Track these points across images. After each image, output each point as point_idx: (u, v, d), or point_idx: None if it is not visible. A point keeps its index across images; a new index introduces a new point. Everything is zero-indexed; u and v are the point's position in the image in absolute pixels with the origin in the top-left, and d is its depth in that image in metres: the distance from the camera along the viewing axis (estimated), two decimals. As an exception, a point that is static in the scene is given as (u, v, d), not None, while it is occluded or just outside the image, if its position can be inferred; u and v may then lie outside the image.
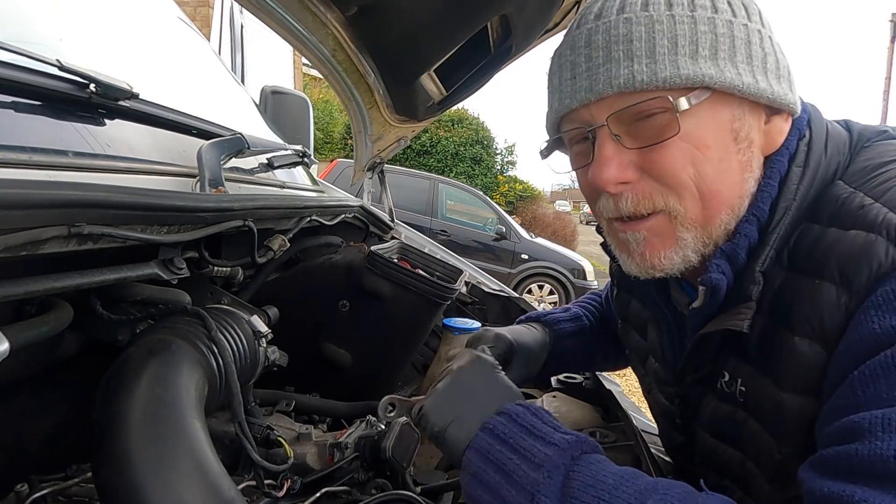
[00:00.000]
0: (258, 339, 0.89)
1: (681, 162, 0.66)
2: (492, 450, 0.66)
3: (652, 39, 0.65)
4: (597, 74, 0.67)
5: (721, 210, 0.68)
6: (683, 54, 0.64)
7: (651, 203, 0.68)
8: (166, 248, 0.78)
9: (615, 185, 0.68)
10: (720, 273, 0.68)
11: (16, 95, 0.72)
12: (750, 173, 0.69)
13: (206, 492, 0.55)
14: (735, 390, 0.72)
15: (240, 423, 0.79)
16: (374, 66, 1.51)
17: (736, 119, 0.67)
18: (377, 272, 1.31)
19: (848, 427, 0.54)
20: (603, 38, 0.67)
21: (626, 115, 0.67)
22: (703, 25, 0.65)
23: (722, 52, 0.65)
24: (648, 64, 0.64)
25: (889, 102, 15.64)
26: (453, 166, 13.98)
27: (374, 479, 0.96)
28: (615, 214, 0.72)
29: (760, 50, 0.67)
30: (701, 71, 0.64)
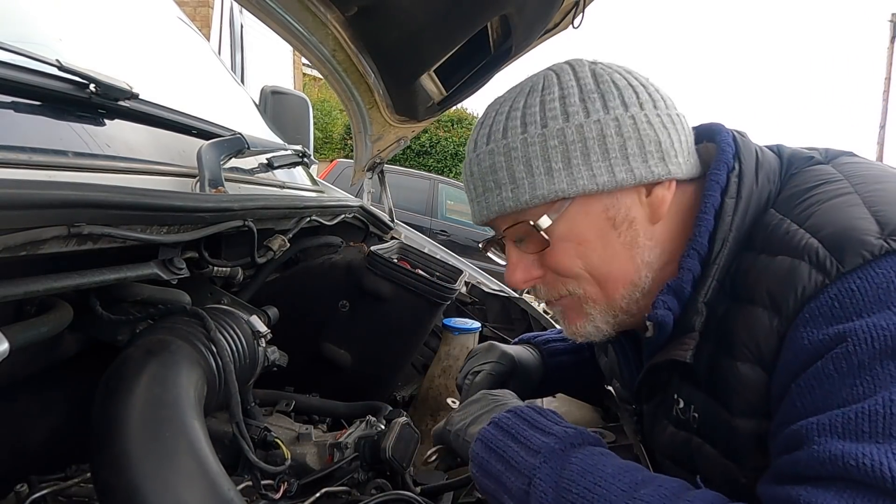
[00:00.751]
0: (257, 339, 0.89)
1: (568, 259, 0.74)
2: (495, 440, 0.72)
3: (511, 167, 0.72)
4: (481, 201, 0.76)
5: (618, 288, 0.75)
6: (538, 174, 0.71)
7: (557, 291, 0.78)
8: (166, 248, 0.78)
9: (524, 283, 0.79)
10: (666, 309, 0.72)
11: (16, 95, 0.72)
12: (637, 248, 0.74)
13: (205, 492, 0.55)
14: (689, 417, 0.75)
15: (237, 423, 0.79)
16: (374, 67, 1.51)
17: (609, 208, 0.73)
18: (377, 272, 1.31)
19: (789, 437, 0.57)
20: (478, 170, 0.76)
21: (515, 228, 0.75)
22: (553, 140, 0.71)
23: (574, 159, 0.70)
24: (513, 189, 0.72)
25: (889, 102, 15.63)
26: (453, 166, 13.97)
27: (373, 479, 0.96)
28: (542, 298, 0.82)
29: (618, 138, 0.70)
30: (555, 187, 0.71)
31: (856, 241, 0.58)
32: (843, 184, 0.68)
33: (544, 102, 0.73)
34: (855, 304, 0.56)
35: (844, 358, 0.55)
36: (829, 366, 0.56)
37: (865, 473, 0.49)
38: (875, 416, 0.51)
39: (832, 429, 0.53)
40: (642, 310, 0.77)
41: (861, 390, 0.53)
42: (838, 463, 0.51)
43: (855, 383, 0.54)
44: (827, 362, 0.56)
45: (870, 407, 0.52)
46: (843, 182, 0.68)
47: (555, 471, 0.65)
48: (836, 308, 0.57)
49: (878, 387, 0.52)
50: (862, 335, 0.54)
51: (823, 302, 0.58)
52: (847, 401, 0.53)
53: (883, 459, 0.49)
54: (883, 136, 15.64)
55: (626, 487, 0.61)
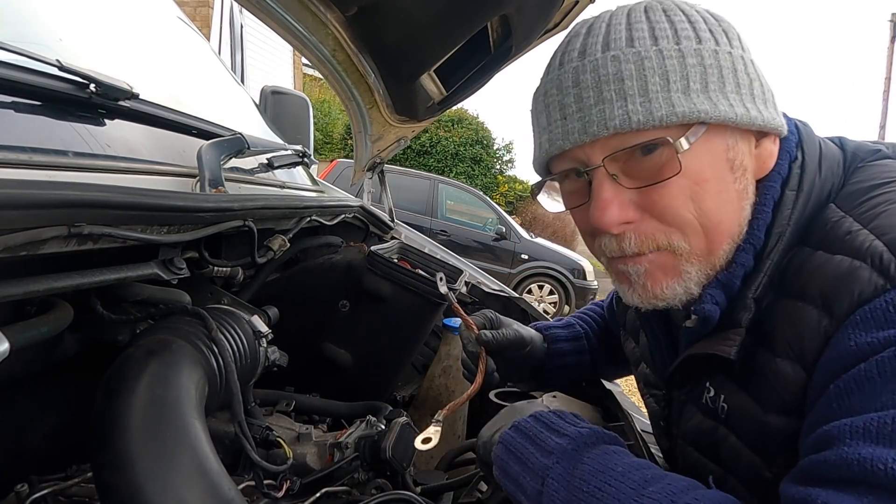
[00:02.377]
0: (258, 339, 0.89)
1: (681, 199, 0.65)
2: (514, 443, 0.73)
3: (643, 77, 0.63)
4: (589, 115, 0.65)
5: (724, 241, 0.68)
6: (676, 90, 0.63)
7: (654, 242, 0.68)
8: (166, 248, 0.78)
9: (618, 225, 0.67)
10: (713, 304, 0.68)
11: (16, 95, 0.72)
12: (746, 200, 0.69)
13: (206, 492, 0.55)
14: (718, 406, 0.72)
15: (239, 423, 0.79)
16: (374, 66, 1.51)
17: (730, 148, 0.67)
18: (377, 272, 1.31)
19: (821, 437, 0.55)
20: (592, 78, 0.65)
21: (623, 154, 0.66)
22: (691, 58, 0.64)
23: (712, 83, 0.64)
24: (643, 103, 0.63)
25: (889, 102, 15.63)
26: (453, 166, 13.98)
27: (374, 479, 0.96)
28: (618, 254, 0.70)
29: (746, 77, 0.66)
30: (696, 107, 0.63)
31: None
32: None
33: (672, 21, 0.65)
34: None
35: (889, 363, 0.52)
36: (873, 369, 0.53)
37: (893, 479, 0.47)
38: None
39: (865, 432, 0.51)
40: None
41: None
42: (866, 466, 0.49)
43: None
44: (871, 366, 0.54)
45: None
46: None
47: (567, 471, 0.66)
48: (890, 313, 0.54)
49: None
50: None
51: (878, 306, 0.55)
52: (885, 405, 0.51)
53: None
54: (883, 136, 15.65)
55: (635, 485, 0.61)
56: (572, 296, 7.68)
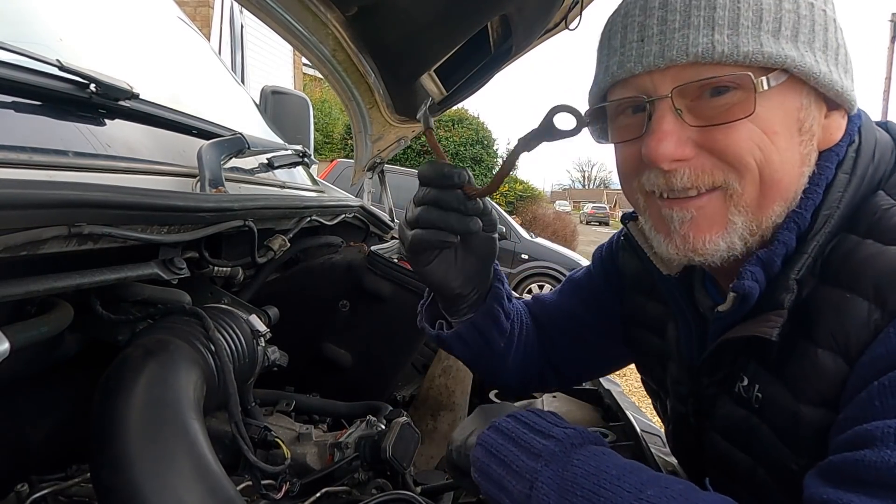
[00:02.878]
0: (256, 338, 0.89)
1: (748, 145, 0.62)
2: (496, 444, 0.69)
3: (737, 9, 0.60)
4: (671, 39, 0.61)
5: (777, 200, 0.65)
6: (767, 31, 0.60)
7: (710, 178, 0.64)
8: (166, 248, 0.78)
9: (670, 161, 0.64)
10: (753, 280, 0.65)
11: (16, 95, 0.72)
12: (808, 167, 0.66)
13: (205, 492, 0.55)
14: (752, 395, 0.70)
15: (236, 423, 0.79)
16: (374, 66, 1.51)
17: (803, 108, 0.64)
18: (377, 272, 1.31)
19: (860, 435, 0.53)
20: (682, 1, 0.62)
21: (694, 88, 0.62)
22: (788, 3, 0.61)
23: (802, 35, 0.62)
24: (731, 35, 0.60)
25: (889, 102, 15.63)
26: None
27: (374, 479, 0.96)
28: (664, 189, 0.67)
29: (835, 40, 0.64)
30: (783, 51, 0.60)
31: None
32: None
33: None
34: None
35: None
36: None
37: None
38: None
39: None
40: (764, 243, 0.67)
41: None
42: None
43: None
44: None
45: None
46: None
47: (557, 474, 0.63)
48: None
49: None
50: None
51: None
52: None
53: None
54: (883, 136, 15.63)
55: (632, 488, 0.59)
56: (572, 296, 7.67)
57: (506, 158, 0.77)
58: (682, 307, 0.82)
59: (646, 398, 1.02)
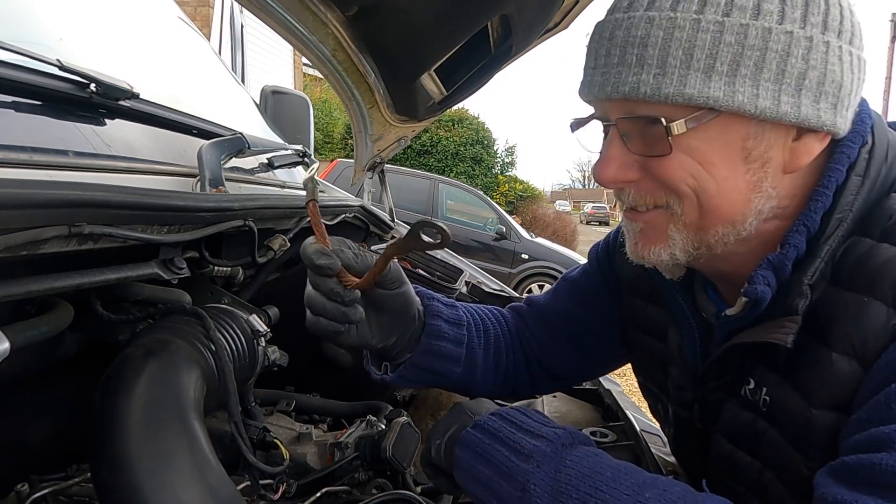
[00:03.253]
0: (257, 338, 0.89)
1: (680, 174, 0.64)
2: (482, 444, 0.67)
3: (666, 48, 0.60)
4: (609, 74, 0.64)
5: (718, 223, 0.66)
6: (696, 69, 0.59)
7: (652, 199, 0.68)
8: (167, 247, 0.78)
9: (613, 182, 0.69)
10: (765, 285, 0.65)
11: (16, 95, 0.73)
12: (758, 192, 0.65)
13: (204, 492, 0.55)
14: (759, 399, 0.69)
15: (236, 423, 0.79)
16: (374, 66, 1.51)
17: (750, 137, 0.63)
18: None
19: (875, 437, 0.52)
20: (623, 36, 0.63)
21: (632, 120, 0.65)
22: (730, 35, 0.59)
23: (744, 67, 0.59)
24: (656, 75, 0.60)
25: (889, 102, 15.62)
26: (453, 166, 13.97)
27: (374, 479, 0.96)
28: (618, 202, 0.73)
29: (801, 63, 0.59)
30: (708, 91, 0.59)
31: None
32: None
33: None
34: None
35: None
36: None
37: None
38: None
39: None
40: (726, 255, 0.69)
41: None
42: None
43: None
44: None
45: None
46: None
47: (550, 476, 0.62)
48: None
49: None
50: None
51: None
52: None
53: None
54: (883, 136, 15.62)
55: (630, 491, 0.58)
56: (572, 296, 7.66)
57: (377, 261, 0.76)
58: (686, 311, 0.82)
59: (646, 398, 1.02)
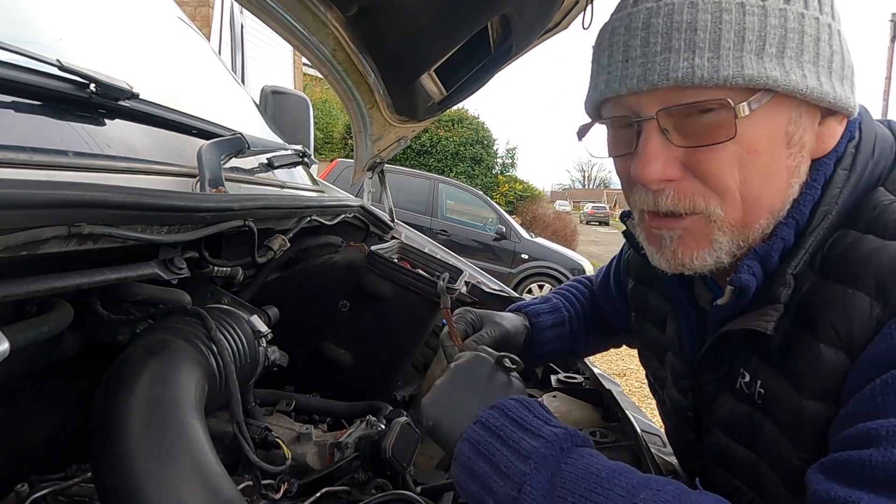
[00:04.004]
0: (258, 338, 0.89)
1: (728, 166, 0.63)
2: (482, 441, 0.67)
3: (718, 31, 0.59)
4: (653, 63, 0.62)
5: (761, 215, 0.66)
6: (749, 51, 0.60)
7: (692, 204, 0.66)
8: (166, 248, 0.78)
9: (658, 181, 0.65)
10: (750, 274, 0.66)
11: (16, 95, 0.72)
12: (797, 178, 0.66)
13: (205, 492, 0.55)
14: (754, 391, 0.70)
15: (238, 423, 0.79)
16: (374, 66, 1.51)
17: (792, 122, 0.64)
18: (377, 272, 1.31)
19: (864, 433, 0.53)
20: (664, 23, 0.61)
21: (678, 110, 0.63)
22: (774, 18, 0.60)
23: (790, 49, 0.60)
24: (711, 59, 0.59)
25: (889, 102, 15.63)
26: (453, 166, 13.97)
27: (374, 479, 0.96)
28: (652, 209, 0.69)
29: (828, 48, 0.63)
30: (766, 72, 0.60)
31: None
32: None
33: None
34: None
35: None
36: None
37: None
38: None
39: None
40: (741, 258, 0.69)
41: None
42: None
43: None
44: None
45: None
46: None
47: (546, 478, 0.62)
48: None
49: None
50: None
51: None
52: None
53: None
54: (883, 135, 15.62)
55: (624, 492, 0.58)
56: (572, 296, 7.66)
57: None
58: (683, 301, 0.83)
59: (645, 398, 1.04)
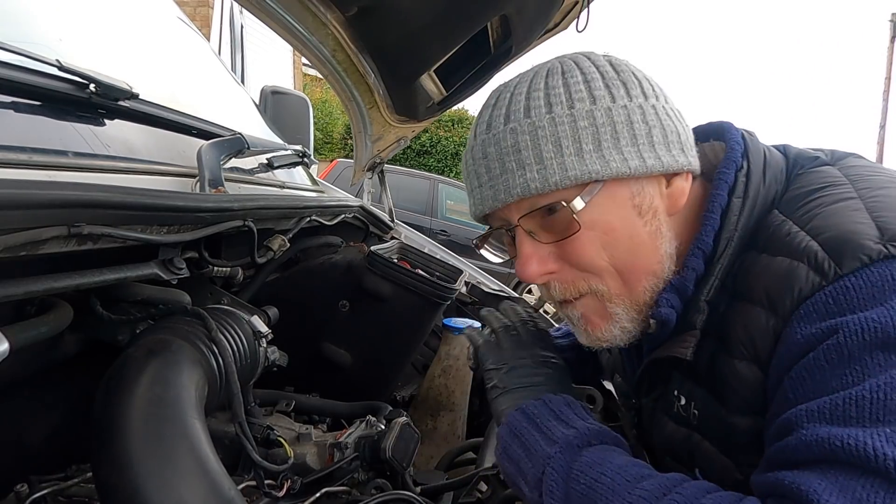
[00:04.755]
0: (258, 339, 0.89)
1: (593, 249, 0.70)
2: (520, 426, 0.73)
3: (538, 147, 0.68)
4: (497, 185, 0.71)
5: (641, 280, 0.72)
6: (569, 154, 0.68)
7: (576, 288, 0.73)
8: (166, 248, 0.78)
9: (539, 277, 0.73)
10: (669, 307, 0.72)
11: (16, 95, 0.72)
12: (661, 238, 0.72)
13: (206, 492, 0.55)
14: (690, 414, 0.75)
15: (240, 423, 0.79)
16: (374, 67, 1.51)
17: (635, 195, 0.70)
18: (377, 272, 1.31)
19: (780, 426, 0.59)
20: (495, 150, 0.71)
21: (535, 214, 0.71)
22: (583, 121, 0.68)
23: (605, 141, 0.68)
24: (539, 170, 0.68)
25: (889, 102, 15.62)
26: (453, 166, 13.96)
27: (374, 479, 0.96)
28: (548, 299, 0.77)
29: (644, 126, 0.70)
30: (587, 168, 0.67)
31: (855, 244, 0.59)
32: (846, 188, 0.68)
33: (568, 85, 0.70)
34: (849, 300, 0.58)
35: (835, 349, 0.56)
36: (821, 357, 0.57)
37: (850, 454, 0.51)
38: (861, 402, 0.53)
39: (820, 414, 0.55)
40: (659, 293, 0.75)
41: (850, 379, 0.55)
42: (824, 445, 0.53)
43: (844, 373, 0.55)
44: (819, 354, 0.58)
45: (857, 393, 0.53)
46: (846, 186, 0.69)
47: (567, 462, 0.67)
48: (831, 304, 0.59)
49: (867, 375, 0.54)
50: (853, 327, 0.56)
51: (818, 300, 0.60)
52: (836, 389, 0.55)
53: (868, 441, 0.51)
54: (883, 136, 15.63)
55: (630, 479, 0.62)
56: (572, 296, 7.66)
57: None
58: None
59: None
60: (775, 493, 0.56)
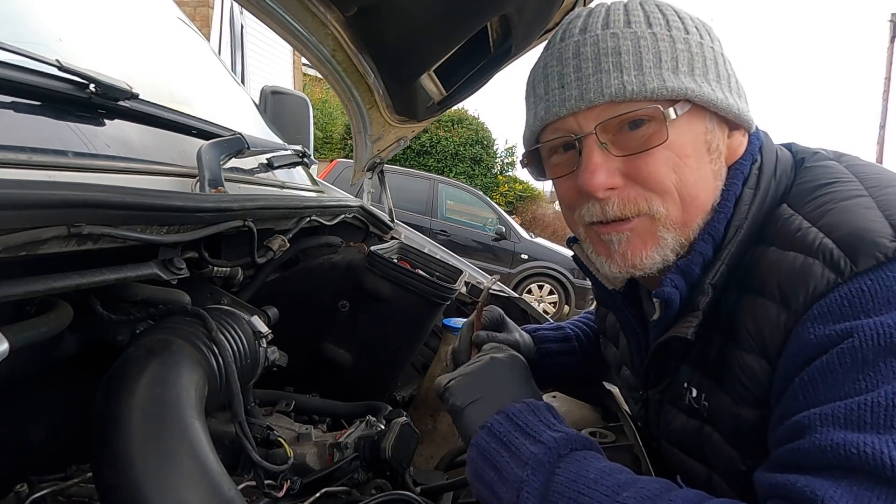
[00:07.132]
0: (258, 339, 0.89)
1: (665, 169, 0.71)
2: (488, 447, 0.71)
3: (639, 53, 0.70)
4: (587, 84, 0.71)
5: (698, 214, 0.73)
6: (667, 69, 0.70)
7: (636, 207, 0.73)
8: (166, 248, 0.78)
9: (604, 190, 0.72)
10: (673, 287, 0.73)
11: (16, 95, 0.72)
12: (720, 181, 0.75)
13: (206, 492, 0.55)
14: (701, 405, 0.75)
15: (240, 423, 0.79)
16: (374, 66, 1.51)
17: (709, 131, 0.73)
18: (377, 272, 1.31)
19: (791, 427, 0.58)
20: (592, 50, 0.71)
21: (614, 124, 0.71)
22: (680, 44, 0.71)
23: (697, 69, 0.72)
24: (637, 76, 0.69)
25: (889, 102, 15.63)
26: (453, 166, 13.97)
27: (373, 479, 0.96)
28: (600, 218, 0.75)
29: (725, 71, 0.74)
30: (683, 85, 0.70)
31: (870, 242, 0.59)
32: (855, 185, 0.69)
33: (664, 12, 0.73)
34: (864, 303, 0.57)
35: (849, 353, 0.56)
36: (834, 360, 0.57)
37: (866, 461, 0.50)
38: (877, 408, 0.52)
39: (834, 419, 0.54)
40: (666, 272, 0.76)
41: (864, 385, 0.54)
42: (839, 451, 0.52)
43: (858, 378, 0.55)
44: (832, 357, 0.57)
45: (872, 399, 0.53)
46: (855, 183, 0.69)
47: (542, 484, 0.65)
48: (846, 306, 0.58)
49: (881, 382, 0.53)
50: (868, 332, 0.55)
51: (833, 300, 0.59)
52: (850, 394, 0.55)
53: (884, 448, 0.50)
54: (883, 136, 15.64)
55: (609, 491, 0.62)
56: (572, 296, 7.67)
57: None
58: (629, 318, 0.89)
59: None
60: (785, 496, 0.55)
